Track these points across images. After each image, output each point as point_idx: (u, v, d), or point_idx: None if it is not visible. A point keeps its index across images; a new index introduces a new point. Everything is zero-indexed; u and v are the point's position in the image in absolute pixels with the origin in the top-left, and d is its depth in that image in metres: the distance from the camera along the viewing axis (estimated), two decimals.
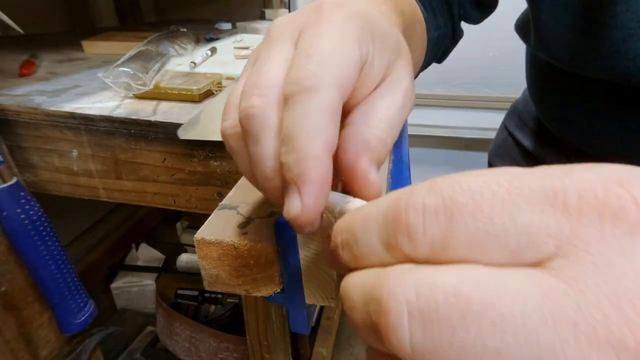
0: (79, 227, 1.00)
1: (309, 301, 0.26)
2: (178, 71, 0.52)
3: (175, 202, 0.45)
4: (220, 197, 0.42)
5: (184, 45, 0.61)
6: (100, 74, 0.46)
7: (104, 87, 0.48)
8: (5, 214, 0.43)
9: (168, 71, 0.52)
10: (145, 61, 0.49)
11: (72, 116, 0.42)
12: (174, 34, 0.63)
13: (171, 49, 0.58)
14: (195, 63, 0.54)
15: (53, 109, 0.42)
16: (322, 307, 1.14)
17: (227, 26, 0.86)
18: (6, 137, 0.44)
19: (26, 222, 0.44)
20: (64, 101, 0.44)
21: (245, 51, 0.60)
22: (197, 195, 0.43)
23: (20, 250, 0.45)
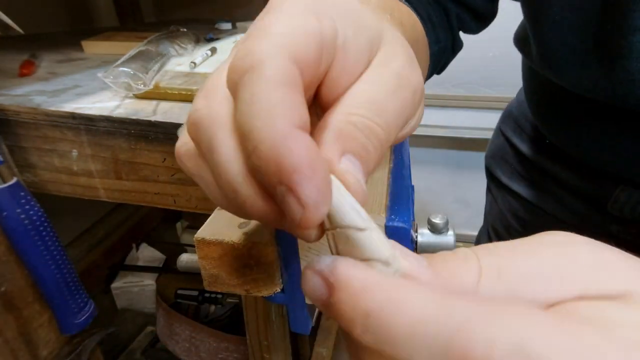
0: (79, 227, 1.00)
1: (308, 301, 0.26)
2: (178, 71, 0.52)
3: (175, 202, 0.45)
4: None
5: (184, 45, 0.61)
6: (100, 74, 0.46)
7: (104, 87, 0.48)
8: (5, 214, 0.43)
9: (168, 71, 0.52)
10: (145, 61, 0.49)
11: (72, 116, 0.42)
12: (174, 34, 0.63)
13: (171, 49, 0.58)
14: (195, 63, 0.54)
15: (53, 109, 0.42)
16: None
17: (227, 26, 0.86)
18: (6, 137, 0.44)
19: (26, 222, 0.44)
20: (64, 101, 0.44)
21: None
22: (197, 195, 0.43)
23: (20, 250, 0.45)
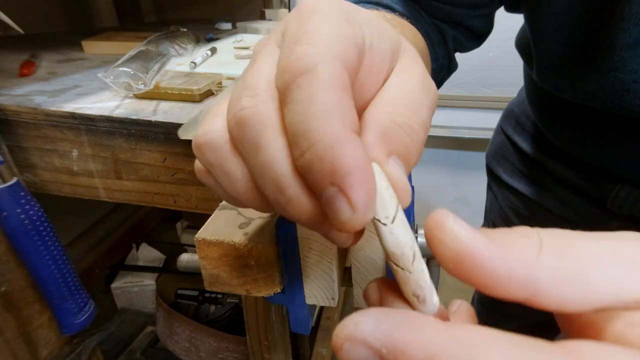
0: (79, 227, 1.00)
1: (309, 301, 0.26)
2: (178, 71, 0.52)
3: (175, 202, 0.45)
4: None
5: (184, 45, 0.61)
6: (100, 74, 0.46)
7: (104, 87, 0.48)
8: (5, 214, 0.43)
9: (168, 71, 0.52)
10: (145, 61, 0.49)
11: (72, 116, 0.42)
12: (174, 34, 0.63)
13: (171, 49, 0.58)
14: (195, 63, 0.54)
15: (53, 109, 0.42)
16: (322, 307, 1.14)
17: (227, 26, 0.86)
18: (6, 137, 0.44)
19: (26, 222, 0.44)
20: (64, 101, 0.44)
21: (245, 51, 0.60)
22: (198, 195, 0.43)
23: (20, 250, 0.45)
